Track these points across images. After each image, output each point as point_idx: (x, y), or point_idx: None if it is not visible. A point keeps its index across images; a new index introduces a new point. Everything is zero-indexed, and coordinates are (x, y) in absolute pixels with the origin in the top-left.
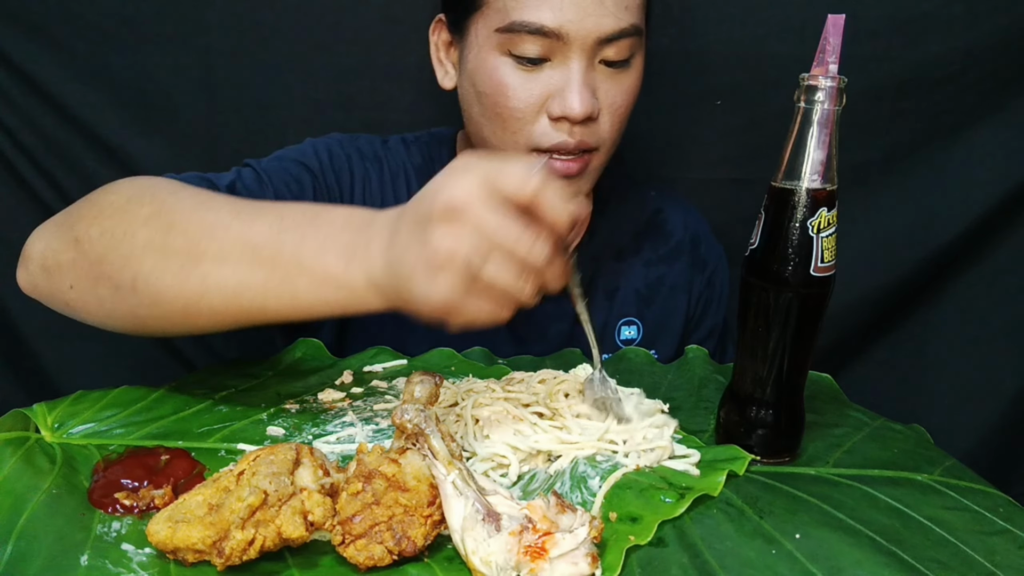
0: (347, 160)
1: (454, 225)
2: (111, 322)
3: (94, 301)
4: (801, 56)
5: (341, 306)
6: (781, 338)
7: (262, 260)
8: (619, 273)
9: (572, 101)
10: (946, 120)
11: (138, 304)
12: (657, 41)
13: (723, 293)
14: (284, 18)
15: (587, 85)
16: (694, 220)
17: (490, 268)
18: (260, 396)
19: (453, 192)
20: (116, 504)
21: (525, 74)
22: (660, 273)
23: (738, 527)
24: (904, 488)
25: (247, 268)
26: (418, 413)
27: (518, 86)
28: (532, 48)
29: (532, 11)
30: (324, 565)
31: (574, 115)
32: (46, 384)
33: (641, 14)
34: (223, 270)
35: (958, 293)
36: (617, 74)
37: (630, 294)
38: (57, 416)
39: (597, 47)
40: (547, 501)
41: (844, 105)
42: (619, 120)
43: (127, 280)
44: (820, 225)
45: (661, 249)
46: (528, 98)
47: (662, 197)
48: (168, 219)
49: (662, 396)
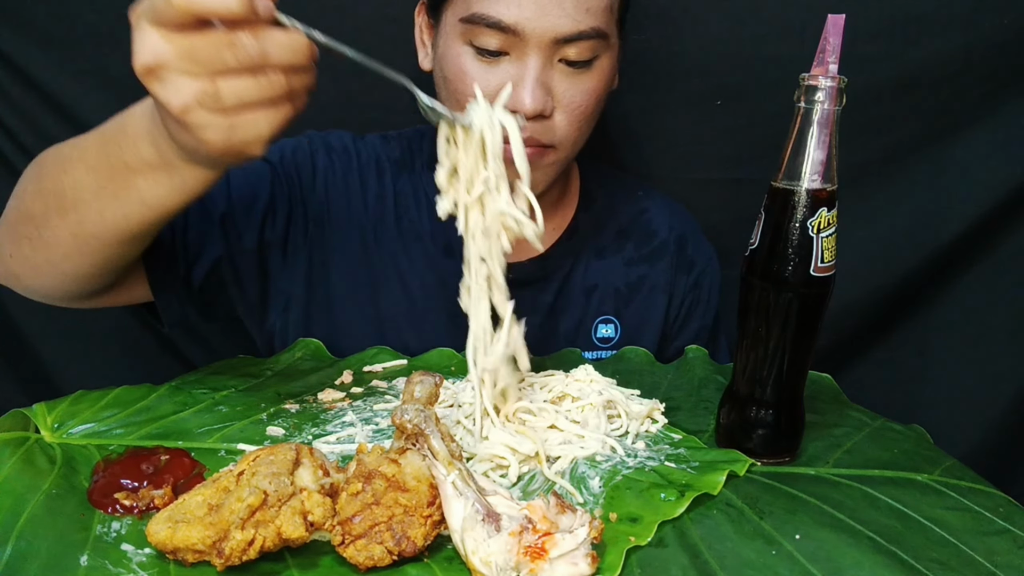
0: (311, 155)
1: (163, 79)
2: (45, 281)
3: (24, 262)
4: (801, 56)
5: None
6: (781, 338)
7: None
8: (599, 271)
9: (523, 97)
10: (946, 120)
11: (47, 250)
12: (657, 41)
13: (712, 295)
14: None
15: (540, 83)
16: (681, 220)
17: (224, 91)
18: (260, 396)
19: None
20: (116, 504)
21: (485, 65)
22: (641, 272)
23: (738, 527)
24: (904, 488)
25: (97, 188)
26: (418, 413)
27: (477, 75)
28: (490, 41)
29: (492, 5)
30: (324, 565)
31: (524, 111)
32: (46, 384)
33: (606, 17)
34: (83, 195)
35: (958, 293)
36: (577, 74)
37: (609, 292)
38: (57, 416)
39: (555, 46)
40: (547, 501)
41: (844, 105)
42: (578, 120)
43: (32, 230)
44: (820, 225)
45: (644, 248)
46: (486, 87)
47: (650, 197)
48: (43, 168)
49: (662, 396)
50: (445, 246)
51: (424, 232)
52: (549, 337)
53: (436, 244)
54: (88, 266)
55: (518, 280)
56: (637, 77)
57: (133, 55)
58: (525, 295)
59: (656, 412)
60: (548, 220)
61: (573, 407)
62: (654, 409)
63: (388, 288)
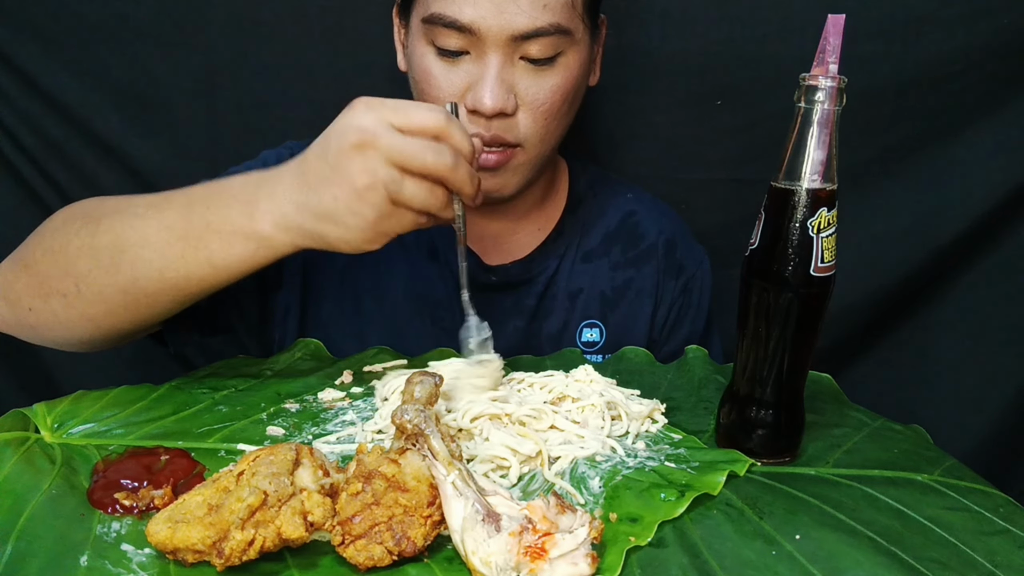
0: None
1: (367, 152)
2: (72, 334)
3: (51, 316)
4: (801, 56)
5: (255, 256)
6: (781, 338)
7: (176, 235)
8: (584, 274)
9: (482, 96)
10: (946, 120)
11: (86, 305)
12: (657, 41)
13: (703, 299)
14: (284, 18)
15: (501, 81)
16: (671, 224)
17: (407, 187)
18: (260, 396)
19: (362, 123)
20: (116, 504)
21: (447, 65)
22: (627, 276)
23: (738, 528)
24: (904, 488)
25: (165, 245)
26: (418, 413)
27: (440, 75)
28: (450, 41)
29: (449, 5)
30: (324, 565)
31: (484, 109)
32: (46, 384)
33: (567, 13)
34: (146, 252)
35: (958, 293)
36: (540, 72)
37: (594, 296)
38: (57, 416)
39: (514, 43)
40: (547, 502)
41: (844, 105)
42: (544, 117)
43: (71, 286)
44: (820, 225)
45: (631, 252)
46: (449, 87)
47: (639, 199)
48: (95, 225)
49: (662, 396)
50: (429, 251)
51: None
52: (532, 340)
53: (420, 250)
54: (129, 322)
55: (501, 283)
56: (637, 77)
57: (350, 121)
58: (508, 298)
59: (656, 412)
60: (532, 221)
61: (573, 407)
62: (655, 409)
63: (373, 297)
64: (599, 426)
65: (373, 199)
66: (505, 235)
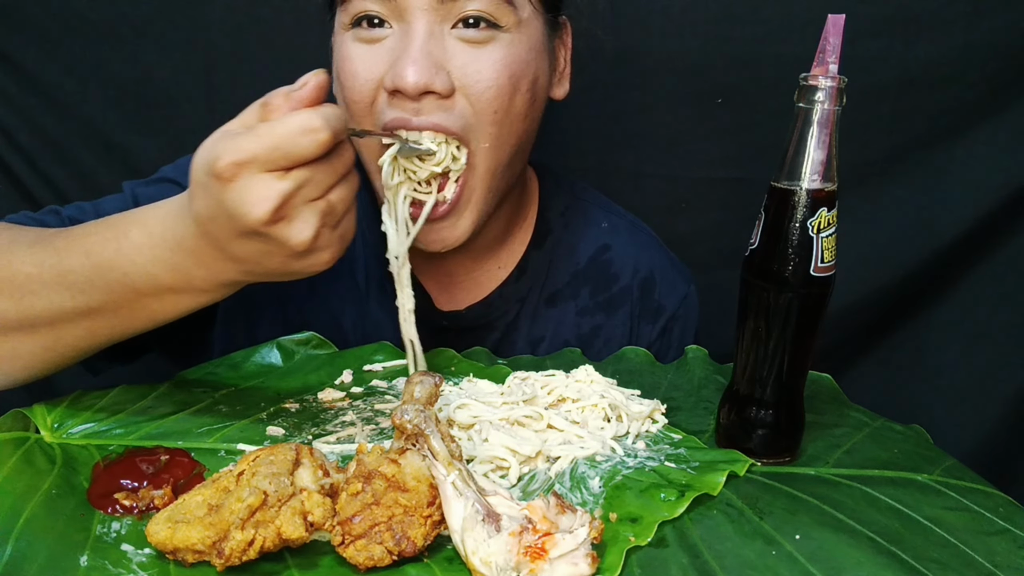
0: None
1: (291, 216)
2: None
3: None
4: (801, 56)
5: (200, 302)
6: (781, 338)
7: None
8: (548, 320)
9: (403, 70)
10: (946, 120)
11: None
12: (657, 41)
13: (686, 335)
14: (284, 18)
15: (426, 53)
16: (649, 258)
17: (334, 201)
18: (260, 396)
19: (256, 207)
20: (116, 504)
21: (365, 47)
22: (595, 324)
23: (738, 528)
24: (904, 488)
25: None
26: (418, 413)
27: (356, 59)
28: (367, 4)
29: None
30: (324, 565)
31: (405, 85)
32: (46, 384)
33: None
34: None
35: (958, 293)
36: (476, 47)
37: (557, 346)
38: (57, 416)
39: (441, 7)
40: (547, 502)
41: (844, 105)
42: (489, 107)
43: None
44: (820, 225)
45: (600, 295)
46: (366, 73)
47: (614, 230)
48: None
49: (662, 396)
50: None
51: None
52: (510, 350)
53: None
54: (64, 366)
55: (454, 327)
56: (637, 76)
57: (248, 211)
58: (463, 343)
59: (657, 412)
60: (492, 259)
61: (574, 408)
62: (655, 410)
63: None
64: (599, 427)
65: (323, 242)
66: (460, 275)
